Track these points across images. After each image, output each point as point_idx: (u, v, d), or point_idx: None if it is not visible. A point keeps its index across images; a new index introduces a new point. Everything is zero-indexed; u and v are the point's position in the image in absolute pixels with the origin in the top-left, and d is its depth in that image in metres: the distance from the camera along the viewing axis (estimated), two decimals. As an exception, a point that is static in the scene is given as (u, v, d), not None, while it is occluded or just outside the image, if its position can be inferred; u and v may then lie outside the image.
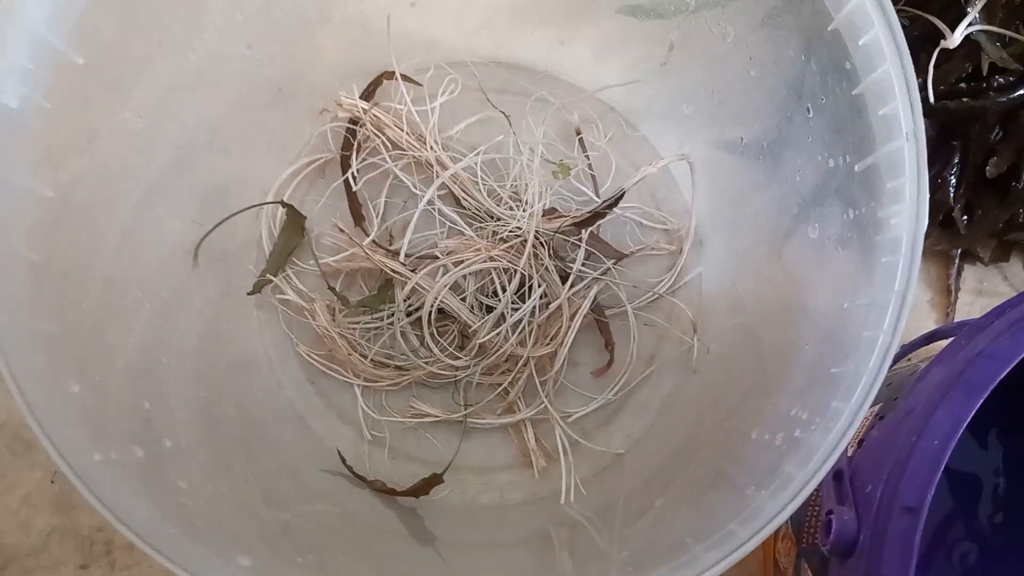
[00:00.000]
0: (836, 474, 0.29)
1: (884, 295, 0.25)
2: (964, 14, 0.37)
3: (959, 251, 0.44)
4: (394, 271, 0.42)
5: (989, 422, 0.42)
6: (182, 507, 0.26)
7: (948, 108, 0.40)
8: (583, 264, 0.43)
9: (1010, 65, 0.38)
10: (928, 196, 0.25)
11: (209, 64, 0.40)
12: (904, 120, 0.25)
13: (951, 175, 0.43)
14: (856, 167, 0.28)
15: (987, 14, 0.37)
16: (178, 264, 0.41)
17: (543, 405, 0.42)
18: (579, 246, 0.43)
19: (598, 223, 0.43)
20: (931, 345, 0.37)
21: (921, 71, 0.39)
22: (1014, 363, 0.27)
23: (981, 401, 0.26)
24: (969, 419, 0.26)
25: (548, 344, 0.42)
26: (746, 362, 0.39)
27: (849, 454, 0.32)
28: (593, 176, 0.46)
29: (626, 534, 0.37)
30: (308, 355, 0.43)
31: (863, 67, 0.26)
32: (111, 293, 0.35)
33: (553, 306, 0.42)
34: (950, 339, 0.33)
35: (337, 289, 0.43)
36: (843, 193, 0.29)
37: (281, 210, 0.44)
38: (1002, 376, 0.27)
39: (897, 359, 0.37)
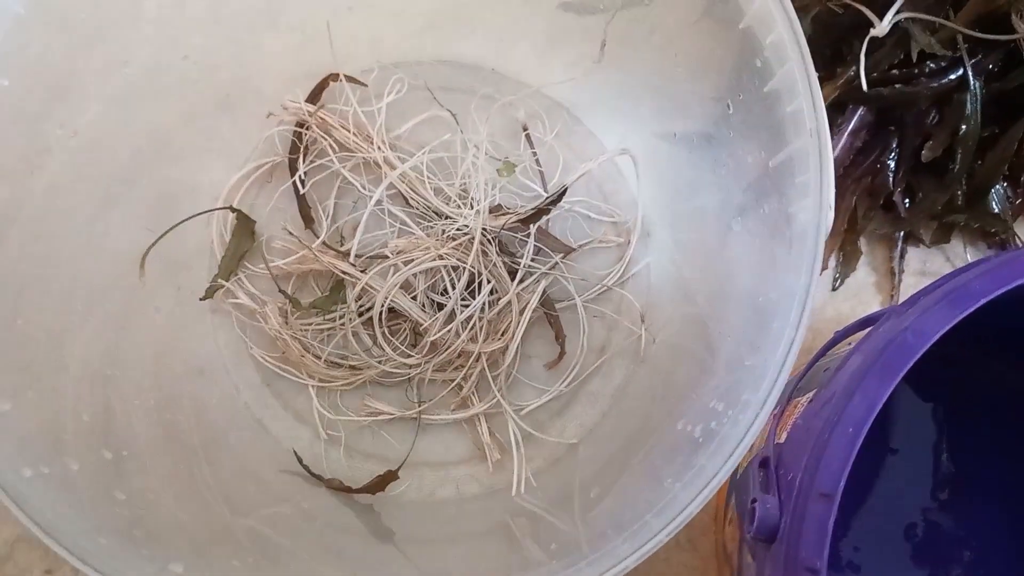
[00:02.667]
0: (763, 462, 0.30)
1: (790, 288, 0.26)
2: (892, 2, 0.37)
3: (901, 234, 0.45)
4: (344, 272, 0.42)
5: (935, 399, 0.43)
6: (118, 517, 0.27)
7: (882, 95, 0.41)
8: (532, 259, 0.44)
9: (938, 51, 0.38)
10: (833, 191, 0.26)
11: (150, 76, 0.41)
12: (808, 117, 0.26)
13: (890, 160, 0.43)
14: (770, 163, 0.28)
15: (914, 2, 0.38)
16: (131, 273, 0.41)
17: (496, 399, 0.43)
18: (527, 241, 0.43)
19: (545, 218, 0.44)
20: (866, 330, 0.37)
21: (854, 59, 0.40)
22: (925, 348, 0.27)
23: (893, 386, 0.27)
24: (883, 402, 0.27)
25: (499, 339, 0.43)
26: (689, 351, 0.40)
27: (781, 440, 0.33)
28: (541, 171, 0.46)
29: (588, 518, 0.38)
30: (262, 358, 0.43)
31: (772, 65, 0.27)
32: (56, 306, 0.35)
33: (502, 302, 0.42)
34: (883, 323, 0.34)
35: (290, 291, 0.44)
36: (761, 187, 0.30)
37: (231, 215, 0.44)
38: (914, 361, 0.27)
39: (835, 343, 0.38)
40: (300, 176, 0.44)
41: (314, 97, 0.45)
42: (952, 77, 0.40)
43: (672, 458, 0.28)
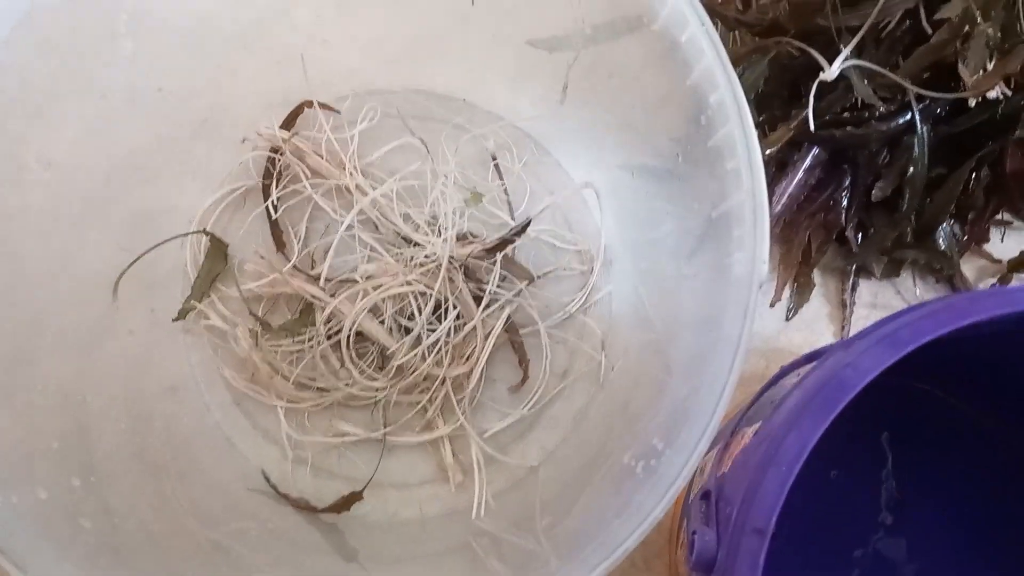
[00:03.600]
0: (705, 494, 0.32)
1: (727, 335, 0.28)
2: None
3: (854, 267, 0.47)
4: (313, 296, 0.44)
5: (880, 427, 0.45)
6: (84, 545, 0.28)
7: (834, 136, 0.43)
8: (498, 285, 0.45)
9: (875, 102, 0.40)
10: (767, 246, 0.27)
11: (127, 100, 0.42)
12: (744, 176, 0.28)
13: (843, 196, 0.45)
14: (712, 213, 0.30)
15: (860, 51, 0.40)
16: (104, 293, 0.42)
17: (460, 422, 0.44)
18: (493, 268, 0.44)
19: (511, 246, 0.45)
20: (811, 364, 0.39)
21: (805, 102, 0.42)
22: (857, 389, 0.29)
23: (826, 426, 0.28)
24: (816, 441, 0.28)
25: (464, 363, 0.44)
26: (645, 379, 0.41)
27: (725, 471, 0.34)
28: (508, 201, 0.47)
29: (550, 538, 0.39)
30: (233, 379, 0.44)
31: (715, 123, 0.29)
32: (26, 327, 0.36)
33: (467, 327, 0.44)
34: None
35: (261, 313, 0.45)
36: (706, 233, 0.31)
37: (205, 238, 0.45)
38: (846, 402, 0.29)
39: (782, 376, 0.40)
40: (273, 201, 0.45)
41: (288, 123, 0.47)
42: (901, 121, 0.42)
43: (617, 491, 0.29)
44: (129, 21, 0.37)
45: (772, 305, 0.46)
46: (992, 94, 0.40)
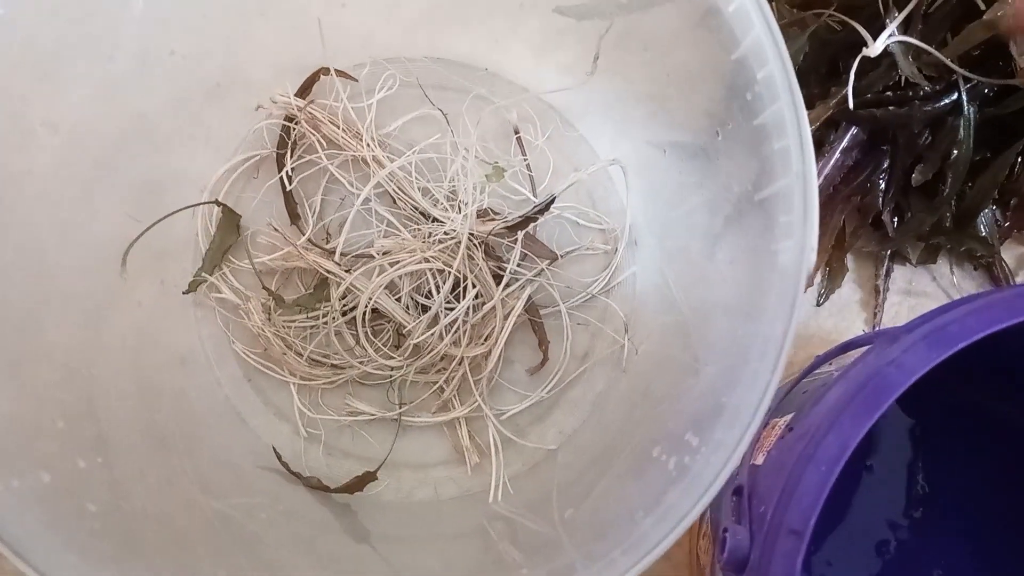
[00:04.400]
0: (736, 490, 0.30)
1: (771, 330, 0.26)
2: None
3: (888, 252, 0.45)
4: (328, 271, 0.42)
5: (912, 422, 0.43)
6: (88, 531, 0.27)
7: (875, 116, 0.41)
8: (518, 264, 0.43)
9: (920, 81, 0.38)
10: (816, 234, 0.26)
11: (138, 62, 0.40)
12: (794, 159, 0.26)
13: (881, 179, 0.43)
14: (755, 196, 0.28)
15: (907, 26, 0.37)
16: (113, 262, 0.41)
17: (477, 403, 0.43)
18: (513, 246, 0.43)
19: (532, 224, 0.43)
20: (848, 354, 0.38)
21: (845, 79, 0.39)
22: (902, 390, 0.27)
23: (867, 427, 0.27)
24: (857, 442, 0.27)
25: (483, 343, 0.43)
26: (670, 365, 0.40)
27: (759, 462, 0.33)
28: (531, 176, 0.46)
29: (566, 524, 0.38)
30: (244, 354, 0.43)
31: (763, 100, 0.27)
32: (32, 298, 0.35)
33: (487, 307, 0.42)
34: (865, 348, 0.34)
35: (274, 287, 0.44)
36: (746, 218, 0.29)
37: (217, 208, 0.44)
38: (889, 403, 0.27)
39: (816, 367, 0.38)
40: (287, 171, 0.44)
41: (304, 91, 0.45)
42: (946, 101, 0.40)
43: (645, 489, 0.28)
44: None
45: (805, 290, 0.45)
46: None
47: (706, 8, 0.28)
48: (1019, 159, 0.43)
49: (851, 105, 0.38)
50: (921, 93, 0.40)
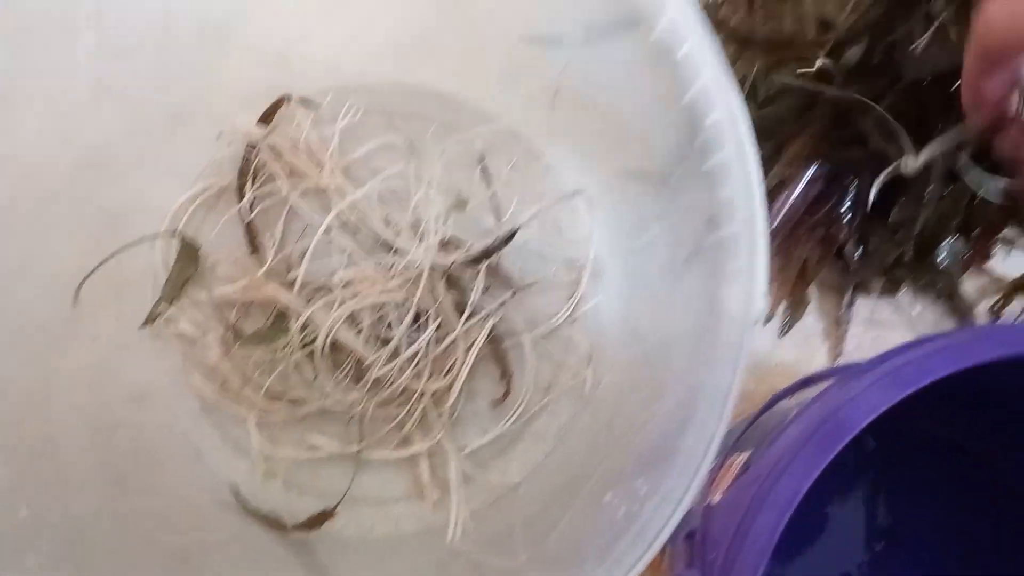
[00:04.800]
0: (689, 534, 0.30)
1: (719, 378, 0.26)
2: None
3: (852, 284, 0.45)
4: (287, 303, 0.42)
5: (871, 454, 0.43)
6: (39, 568, 0.26)
7: (849, 158, 0.41)
8: (482, 294, 0.43)
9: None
10: (764, 281, 0.26)
11: (96, 87, 0.39)
12: (741, 208, 0.26)
13: (845, 211, 0.43)
14: (706, 240, 0.28)
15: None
16: (68, 295, 0.40)
17: (439, 438, 0.42)
18: (476, 278, 0.43)
19: (496, 255, 0.43)
20: (806, 390, 0.37)
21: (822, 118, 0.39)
22: (854, 433, 0.27)
23: (820, 471, 0.27)
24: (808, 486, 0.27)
25: (444, 376, 0.42)
26: (634, 398, 0.40)
27: (716, 501, 0.32)
28: (496, 206, 0.45)
29: (528, 557, 0.38)
30: (202, 387, 0.42)
31: (710, 147, 0.27)
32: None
33: (448, 340, 0.42)
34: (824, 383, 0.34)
35: (233, 319, 0.43)
36: (701, 259, 0.29)
37: (176, 239, 0.43)
38: (842, 446, 0.27)
39: (774, 403, 0.38)
40: (248, 201, 0.43)
41: (267, 118, 0.44)
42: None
43: (596, 538, 0.28)
44: (90, 15, 0.35)
45: (766, 322, 0.45)
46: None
47: (658, 50, 0.28)
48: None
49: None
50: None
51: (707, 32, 0.26)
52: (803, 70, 0.38)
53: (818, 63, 0.37)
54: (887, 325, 0.46)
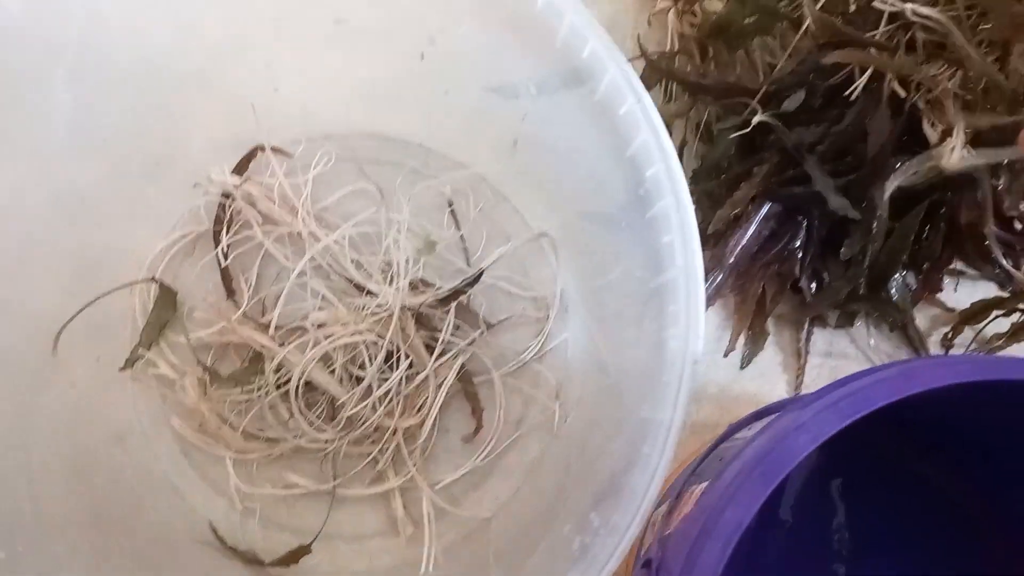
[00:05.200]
0: (645, 563, 0.31)
1: (662, 415, 0.27)
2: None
3: (808, 317, 0.47)
4: (262, 345, 0.43)
5: (829, 475, 0.45)
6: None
7: (793, 194, 0.43)
8: (452, 333, 0.45)
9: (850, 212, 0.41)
10: (702, 323, 0.27)
11: (76, 137, 0.41)
12: (679, 254, 0.27)
13: (798, 248, 0.45)
14: (650, 284, 0.30)
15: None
16: (49, 338, 0.42)
17: (411, 474, 0.43)
18: (446, 317, 0.44)
19: (465, 294, 0.45)
20: (762, 420, 0.39)
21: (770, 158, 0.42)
22: (794, 464, 0.29)
23: (763, 500, 0.28)
24: (754, 514, 0.28)
25: (416, 414, 0.44)
26: (600, 432, 0.41)
27: (670, 532, 0.34)
28: (465, 247, 0.47)
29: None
30: (180, 428, 0.44)
31: (651, 197, 0.28)
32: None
33: (419, 378, 0.43)
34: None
35: (210, 362, 0.44)
36: (646, 303, 0.31)
37: (154, 284, 0.45)
38: (786, 474, 0.29)
39: (730, 435, 0.40)
40: (223, 248, 0.45)
41: (241, 168, 0.46)
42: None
43: (553, 568, 0.29)
44: (70, 66, 0.36)
45: (726, 355, 0.46)
46: (956, 155, 0.40)
47: (602, 107, 0.30)
48: (927, 226, 0.45)
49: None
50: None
51: (644, 93, 0.28)
52: (746, 116, 0.40)
53: (757, 115, 0.39)
54: (845, 356, 0.48)
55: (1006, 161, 0.40)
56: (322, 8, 0.39)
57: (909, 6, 0.36)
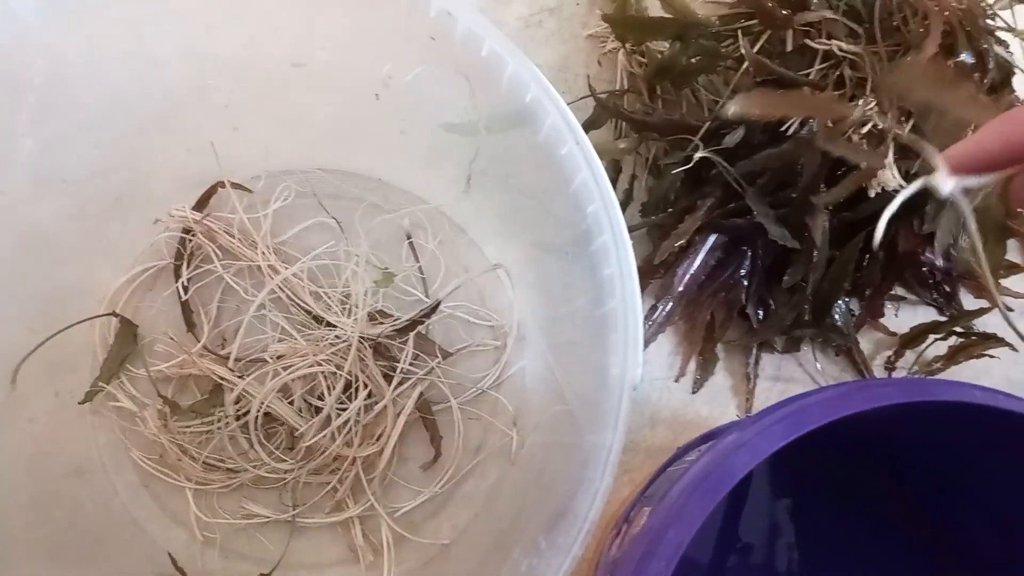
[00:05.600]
0: (594, 584, 0.32)
1: (602, 439, 0.29)
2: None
3: (756, 343, 0.48)
4: (221, 377, 0.44)
5: (781, 497, 0.46)
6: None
7: (737, 225, 0.44)
8: (411, 362, 0.46)
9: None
10: (640, 353, 0.29)
11: (36, 174, 0.42)
12: (618, 287, 0.29)
13: (744, 277, 0.47)
14: (595, 312, 0.31)
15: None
16: (8, 373, 0.42)
17: (370, 502, 0.44)
18: (404, 346, 0.45)
19: (424, 324, 0.46)
20: (710, 443, 0.40)
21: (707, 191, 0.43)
22: (731, 486, 0.30)
23: (702, 522, 0.29)
24: (692, 536, 0.29)
25: (375, 443, 0.45)
26: (557, 457, 0.42)
27: (619, 555, 0.35)
28: (423, 279, 0.48)
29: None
30: (141, 460, 0.44)
31: (592, 232, 0.30)
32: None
33: (378, 408, 0.44)
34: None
35: (171, 394, 0.45)
36: (593, 332, 0.32)
37: (115, 319, 0.45)
38: (722, 496, 0.30)
39: (678, 457, 0.41)
40: (183, 282, 0.45)
41: (202, 203, 0.47)
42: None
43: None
44: (30, 117, 0.37)
45: (677, 379, 0.48)
46: (891, 185, 0.42)
47: (546, 146, 0.32)
48: (867, 255, 0.47)
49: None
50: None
51: (583, 135, 0.30)
52: (688, 152, 0.42)
53: (699, 151, 0.41)
54: (792, 380, 0.49)
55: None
56: (280, 53, 0.41)
57: (835, 43, 0.38)
